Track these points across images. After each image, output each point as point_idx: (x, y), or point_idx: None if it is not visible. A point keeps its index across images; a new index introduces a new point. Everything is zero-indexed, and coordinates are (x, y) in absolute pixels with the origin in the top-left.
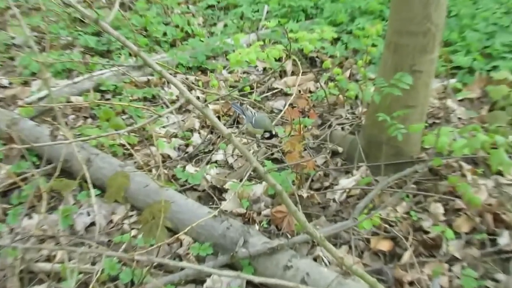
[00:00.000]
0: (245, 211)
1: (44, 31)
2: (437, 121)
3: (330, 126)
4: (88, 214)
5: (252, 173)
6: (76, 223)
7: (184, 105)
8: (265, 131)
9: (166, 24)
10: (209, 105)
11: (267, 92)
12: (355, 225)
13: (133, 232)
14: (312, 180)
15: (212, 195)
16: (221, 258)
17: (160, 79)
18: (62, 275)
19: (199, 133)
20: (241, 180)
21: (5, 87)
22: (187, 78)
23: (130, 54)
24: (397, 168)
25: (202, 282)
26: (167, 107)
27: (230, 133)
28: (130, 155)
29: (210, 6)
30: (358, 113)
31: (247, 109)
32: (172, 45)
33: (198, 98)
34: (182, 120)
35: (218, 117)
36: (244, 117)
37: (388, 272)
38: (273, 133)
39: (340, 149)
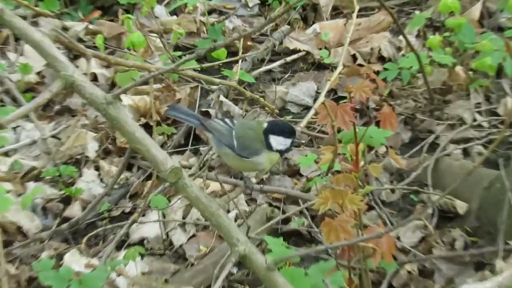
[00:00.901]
0: None
1: None
2: None
3: (433, 146)
4: None
5: (234, 270)
6: None
7: (58, 97)
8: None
9: None
10: (122, 97)
11: (271, 61)
12: None
13: None
14: (392, 287)
15: None
16: None
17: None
18: None
19: (98, 168)
20: None
21: None
22: (65, 29)
23: None
24: None
25: None
26: (17, 104)
27: (177, 167)
28: None
29: None
30: (505, 112)
31: (217, 108)
32: None
33: (95, 78)
34: (55, 137)
35: (148, 126)
36: (209, 135)
37: None
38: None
39: (461, 206)
